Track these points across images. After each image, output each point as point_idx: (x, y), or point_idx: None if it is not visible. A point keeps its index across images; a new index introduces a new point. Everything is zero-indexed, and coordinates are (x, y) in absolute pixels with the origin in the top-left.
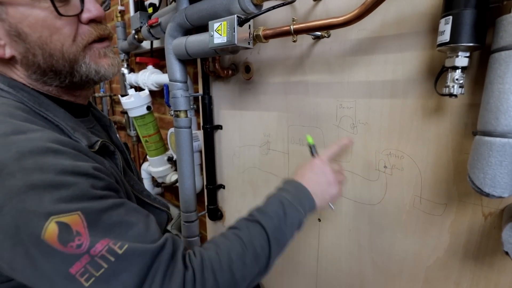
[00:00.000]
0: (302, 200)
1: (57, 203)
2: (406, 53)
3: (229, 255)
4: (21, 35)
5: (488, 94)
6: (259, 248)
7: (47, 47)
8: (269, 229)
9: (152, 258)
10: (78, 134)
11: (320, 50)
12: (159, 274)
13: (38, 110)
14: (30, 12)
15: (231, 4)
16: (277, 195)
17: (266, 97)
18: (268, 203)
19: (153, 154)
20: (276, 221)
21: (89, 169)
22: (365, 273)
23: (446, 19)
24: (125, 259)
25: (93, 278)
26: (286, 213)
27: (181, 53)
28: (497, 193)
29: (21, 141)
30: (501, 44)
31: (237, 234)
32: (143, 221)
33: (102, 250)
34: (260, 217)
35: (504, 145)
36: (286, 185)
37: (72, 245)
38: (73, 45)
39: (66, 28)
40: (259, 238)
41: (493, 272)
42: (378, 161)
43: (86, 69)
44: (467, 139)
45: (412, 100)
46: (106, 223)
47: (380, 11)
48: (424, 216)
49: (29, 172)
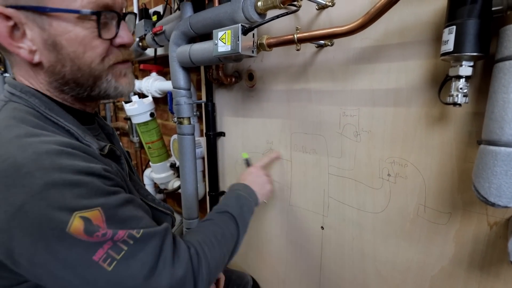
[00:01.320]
0: (249, 193)
1: (79, 199)
2: (410, 62)
3: (215, 235)
4: (57, 46)
5: (492, 103)
6: (232, 229)
7: (78, 61)
8: (236, 216)
9: (162, 238)
10: (89, 138)
11: (324, 58)
12: (169, 252)
13: (49, 116)
14: (72, 29)
15: (235, 13)
16: (232, 192)
17: (269, 105)
18: (227, 199)
19: (156, 161)
20: (238, 210)
21: (101, 170)
22: (368, 283)
23: (449, 29)
24: (142, 240)
25: (115, 261)
26: (244, 204)
27: (185, 61)
28: (503, 203)
29: (36, 143)
30: (505, 54)
31: (214, 222)
32: (147, 216)
33: (124, 236)
34: (226, 208)
35: (510, 155)
36: (236, 186)
37: (98, 234)
38: (101, 63)
39: (100, 48)
40: (230, 222)
41: (499, 282)
42: (381, 169)
43: (106, 85)
44: (472, 147)
45: (416, 108)
46: (122, 217)
47: (383, 20)
48: (429, 225)
49: (48, 171)
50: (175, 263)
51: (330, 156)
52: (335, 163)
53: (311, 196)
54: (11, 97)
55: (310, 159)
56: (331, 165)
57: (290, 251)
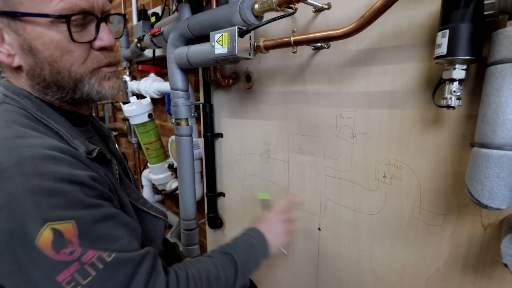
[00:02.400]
0: (261, 244)
1: (54, 209)
2: (405, 65)
3: (208, 275)
4: (33, 50)
5: (485, 106)
6: (230, 276)
7: (56, 64)
8: (238, 262)
9: (135, 266)
10: (77, 141)
11: (320, 61)
12: (141, 282)
13: (40, 117)
14: (46, 33)
15: (232, 15)
16: (244, 237)
17: (266, 106)
18: (237, 241)
19: (154, 162)
20: (244, 257)
21: (86, 179)
22: (365, 283)
23: (443, 33)
24: (112, 266)
25: (79, 286)
26: (252, 253)
27: (182, 62)
28: (495, 205)
29: (22, 146)
30: (497, 58)
31: (212, 261)
32: (127, 236)
33: (93, 258)
34: (231, 251)
35: (502, 157)
36: (249, 231)
37: (65, 252)
38: (82, 66)
39: (77, 52)
40: (229, 267)
41: (493, 283)
42: (377, 171)
43: (88, 88)
44: (466, 150)
45: (411, 110)
46: (96, 234)
47: (378, 23)
48: (424, 227)
49: (28, 177)
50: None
51: (327, 157)
52: (332, 164)
53: (308, 197)
54: (4, 99)
55: (307, 160)
56: (327, 167)
57: (287, 252)
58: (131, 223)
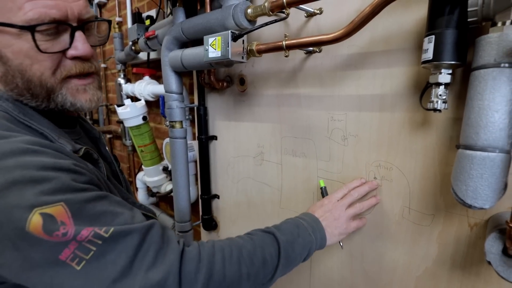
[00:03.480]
0: (315, 228)
1: (40, 195)
2: (394, 69)
3: (240, 249)
4: (3, 58)
5: (469, 109)
6: (269, 255)
7: (26, 73)
8: (281, 242)
9: (140, 237)
10: (63, 141)
11: (312, 64)
12: (150, 252)
13: (22, 120)
14: (15, 42)
15: (225, 19)
16: (294, 218)
17: (260, 109)
18: (284, 222)
19: (149, 164)
20: (289, 237)
21: (70, 165)
22: (357, 283)
23: (429, 38)
24: (112, 240)
25: (84, 261)
26: (300, 235)
27: (177, 66)
28: (479, 205)
29: (2, 144)
30: (480, 63)
31: (250, 237)
32: (128, 211)
33: (89, 236)
34: (275, 231)
35: (484, 159)
36: (303, 215)
37: (58, 234)
38: (52, 76)
39: (47, 61)
40: (270, 246)
41: (480, 281)
42: (368, 172)
43: (61, 99)
44: (453, 152)
45: (400, 113)
46: (91, 212)
47: (368, 28)
48: (413, 227)
49: (10, 170)
50: (155, 265)
51: (319, 159)
52: (324, 166)
53: (301, 198)
54: None
55: (299, 162)
56: (320, 169)
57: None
58: (126, 204)
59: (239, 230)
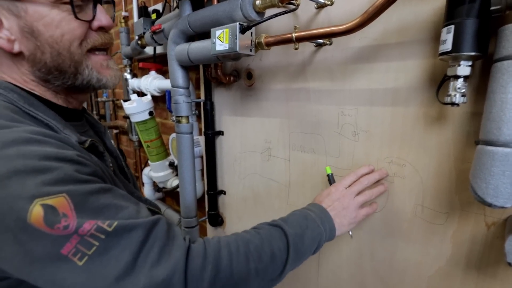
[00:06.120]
0: (323, 220)
1: (42, 186)
2: (408, 61)
3: (247, 244)
4: (35, 32)
5: (490, 103)
6: (277, 249)
7: (56, 45)
8: (290, 235)
9: (145, 232)
10: (68, 131)
11: (322, 58)
12: (155, 248)
13: (27, 110)
14: (48, 13)
15: (233, 11)
16: (301, 210)
17: (267, 104)
18: (292, 214)
19: (155, 159)
20: (298, 230)
21: (74, 156)
22: (366, 282)
23: (448, 28)
24: (115, 235)
25: (86, 256)
26: (308, 226)
27: (183, 60)
28: (500, 203)
29: (5, 133)
30: (503, 54)
31: (257, 232)
32: (133, 205)
33: (91, 229)
34: (282, 224)
35: (507, 155)
36: (310, 206)
37: (59, 227)
38: (79, 47)
39: (78, 31)
40: (278, 240)
41: (496, 283)
42: (379, 169)
43: (88, 74)
44: (469, 148)
45: (414, 108)
46: (94, 205)
47: (382, 19)
48: (426, 225)
49: (11, 159)
50: (159, 262)
51: (329, 155)
52: (333, 162)
53: (310, 195)
54: None
55: (308, 158)
56: (329, 165)
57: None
58: (132, 197)
59: (245, 226)
